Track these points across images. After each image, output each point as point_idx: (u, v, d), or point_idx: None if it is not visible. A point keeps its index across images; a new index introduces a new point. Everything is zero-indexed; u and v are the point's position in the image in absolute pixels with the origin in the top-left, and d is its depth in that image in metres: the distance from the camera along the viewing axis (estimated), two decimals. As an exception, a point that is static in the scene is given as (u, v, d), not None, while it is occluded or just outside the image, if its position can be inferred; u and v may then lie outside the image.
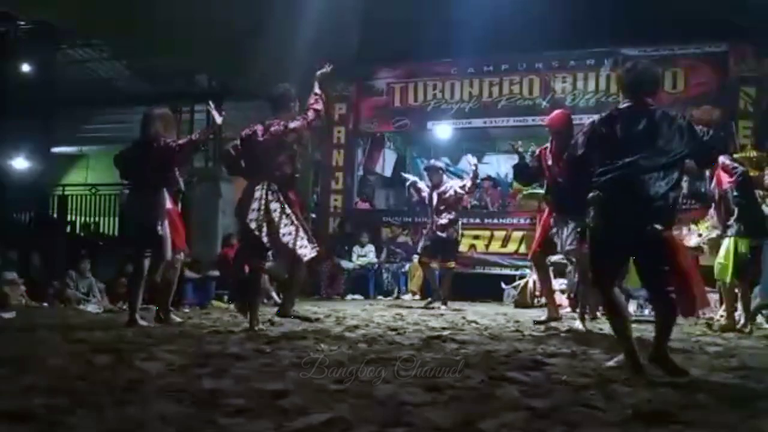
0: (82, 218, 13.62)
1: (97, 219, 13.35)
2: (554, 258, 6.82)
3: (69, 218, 13.61)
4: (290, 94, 5.67)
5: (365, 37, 11.43)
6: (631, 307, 7.48)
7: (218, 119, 5.81)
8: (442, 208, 8.77)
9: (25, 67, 12.24)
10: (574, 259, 6.13)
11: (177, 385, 2.83)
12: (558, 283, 8.13)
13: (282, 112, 5.54)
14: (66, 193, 14.23)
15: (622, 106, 3.85)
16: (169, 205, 5.79)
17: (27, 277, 9.15)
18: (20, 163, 13.58)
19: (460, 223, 9.05)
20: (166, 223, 5.67)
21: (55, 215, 13.64)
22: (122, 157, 5.91)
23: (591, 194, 3.76)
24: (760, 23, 9.35)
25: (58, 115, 13.02)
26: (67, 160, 16.47)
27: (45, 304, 8.73)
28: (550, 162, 6.12)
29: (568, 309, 7.78)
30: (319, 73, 5.83)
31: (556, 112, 6.51)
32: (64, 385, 2.79)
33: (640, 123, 3.70)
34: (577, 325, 5.95)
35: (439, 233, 8.78)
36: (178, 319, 6.15)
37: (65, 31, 11.37)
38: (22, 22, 11.21)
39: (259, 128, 5.48)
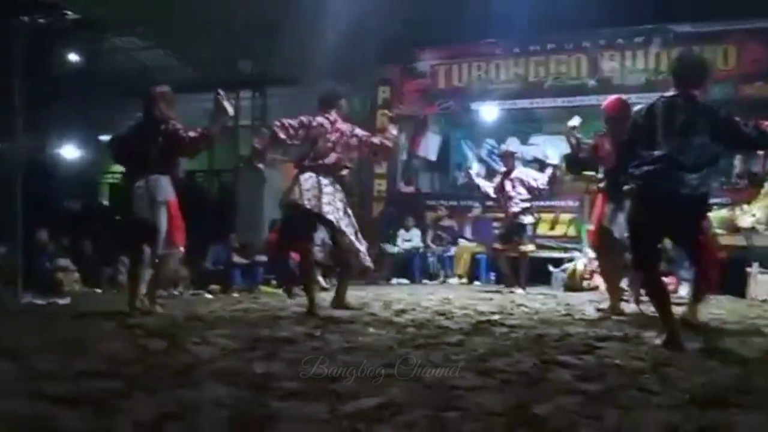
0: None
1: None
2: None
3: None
4: (339, 91, 5.76)
5: (408, 19, 11.36)
6: (683, 291, 7.35)
7: (230, 110, 5.36)
8: (514, 194, 8.68)
9: (72, 57, 12.48)
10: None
11: (229, 369, 2.86)
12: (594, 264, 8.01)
13: (329, 109, 5.58)
14: (115, 180, 14.50)
15: (666, 95, 3.91)
16: (171, 195, 5.30)
17: (79, 264, 9.37)
18: (69, 151, 13.90)
19: (533, 207, 8.91)
20: (164, 215, 5.19)
21: (105, 202, 13.92)
22: (120, 139, 5.51)
23: (626, 186, 3.96)
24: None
25: (105, 103, 13.24)
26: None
27: (98, 290, 8.93)
28: (607, 148, 5.98)
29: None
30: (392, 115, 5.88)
31: (611, 98, 6.31)
32: (118, 369, 2.84)
33: (680, 116, 3.76)
34: (632, 307, 5.88)
35: (513, 220, 8.71)
36: (160, 309, 5.41)
37: (110, 20, 11.53)
38: (69, 13, 11.39)
39: (324, 121, 5.50)
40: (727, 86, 10.03)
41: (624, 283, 6.81)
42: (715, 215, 9.43)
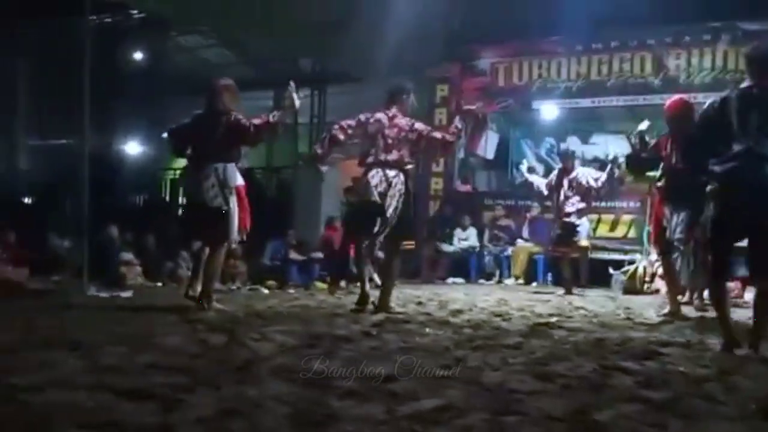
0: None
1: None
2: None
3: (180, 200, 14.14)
4: (406, 87, 5.79)
5: (467, 17, 11.30)
6: (748, 295, 7.13)
7: (297, 103, 5.42)
8: (570, 194, 8.57)
9: (138, 55, 12.78)
10: (682, 248, 5.94)
11: (288, 366, 2.88)
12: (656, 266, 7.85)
13: (396, 104, 5.63)
14: (177, 176, 14.78)
15: (741, 87, 3.72)
16: (240, 180, 5.56)
17: (142, 258, 9.59)
18: (133, 147, 14.25)
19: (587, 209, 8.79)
20: (235, 200, 5.34)
21: (167, 198, 14.23)
22: (180, 131, 5.62)
23: (709, 187, 3.71)
24: None
25: (169, 101, 13.53)
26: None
27: (159, 284, 9.12)
28: (669, 149, 5.89)
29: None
30: (467, 108, 5.99)
31: (674, 98, 6.27)
32: (181, 363, 2.89)
33: (758, 107, 3.55)
34: (693, 312, 5.82)
35: (566, 220, 8.60)
36: (220, 306, 5.39)
37: (175, 19, 11.76)
38: (135, 12, 11.67)
39: (382, 116, 5.55)
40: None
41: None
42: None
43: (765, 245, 3.62)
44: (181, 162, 6.16)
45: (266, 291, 8.62)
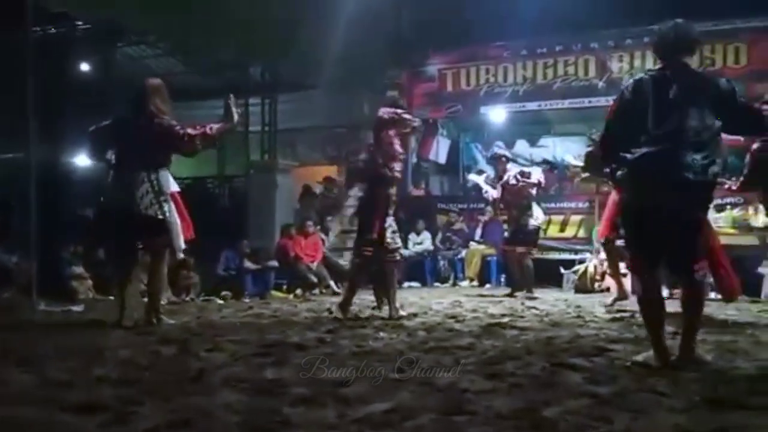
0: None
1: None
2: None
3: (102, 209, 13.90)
4: (399, 102, 6.06)
5: (415, 24, 11.39)
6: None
7: (236, 116, 5.17)
8: (509, 198, 8.64)
9: (84, 66, 12.57)
10: None
11: (241, 375, 2.89)
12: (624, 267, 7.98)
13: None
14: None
15: (654, 69, 3.48)
16: (175, 186, 5.11)
17: (93, 271, 9.41)
18: (82, 160, 13.97)
19: (534, 208, 8.72)
20: (173, 207, 4.95)
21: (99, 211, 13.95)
22: (103, 132, 5.18)
23: (619, 173, 3.38)
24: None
25: (118, 111, 13.31)
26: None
27: (111, 297, 8.96)
28: None
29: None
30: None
31: None
32: (132, 376, 2.87)
33: (675, 88, 3.27)
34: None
35: (513, 223, 8.66)
36: (171, 321, 5.16)
37: (122, 29, 11.61)
38: (80, 22, 11.48)
39: None
40: (738, 85, 9.94)
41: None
42: (728, 215, 9.43)
43: (684, 238, 3.27)
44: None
45: (221, 301, 8.54)
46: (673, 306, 3.51)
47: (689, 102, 3.25)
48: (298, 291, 9.69)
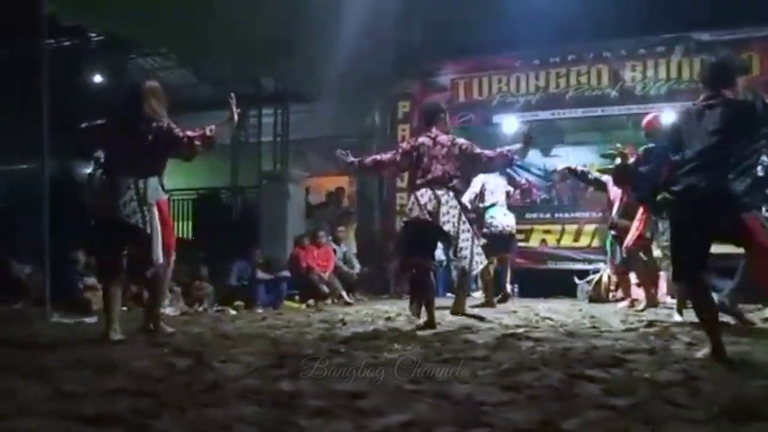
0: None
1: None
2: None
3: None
4: (441, 108, 6.07)
5: (427, 34, 11.40)
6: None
7: (235, 116, 5.11)
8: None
9: (97, 78, 12.66)
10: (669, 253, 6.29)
11: (256, 387, 2.87)
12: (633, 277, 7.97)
13: (435, 125, 5.85)
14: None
15: (698, 100, 3.87)
16: (163, 196, 4.96)
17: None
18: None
19: (496, 212, 8.71)
20: (155, 216, 4.80)
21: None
22: (94, 131, 4.99)
23: (659, 196, 3.82)
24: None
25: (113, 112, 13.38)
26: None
27: (125, 308, 8.98)
28: None
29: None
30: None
31: (649, 116, 6.89)
32: (147, 387, 2.86)
33: (713, 116, 3.69)
34: (675, 317, 6.10)
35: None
36: (170, 329, 5.18)
37: (134, 41, 11.69)
38: (93, 34, 11.56)
39: (426, 140, 5.76)
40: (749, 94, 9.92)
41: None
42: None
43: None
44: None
45: (233, 312, 8.54)
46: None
47: (727, 126, 3.65)
48: (311, 301, 9.68)
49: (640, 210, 6.77)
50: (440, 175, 5.64)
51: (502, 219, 8.68)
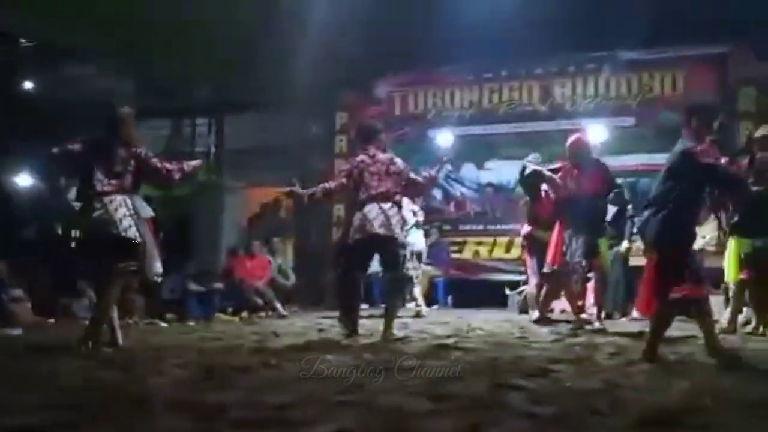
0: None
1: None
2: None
3: (75, 234, 13.64)
4: (378, 127, 6.19)
5: (365, 47, 11.47)
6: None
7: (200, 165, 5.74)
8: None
9: (28, 86, 12.32)
10: (580, 270, 6.60)
11: (183, 399, 2.84)
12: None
13: (372, 143, 5.97)
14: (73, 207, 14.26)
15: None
16: (150, 212, 5.22)
17: (34, 294, 9.16)
18: (25, 180, 13.65)
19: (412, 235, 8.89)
20: (148, 231, 5.05)
21: (60, 231, 13.68)
22: (71, 153, 5.11)
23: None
24: (759, 25, 9.37)
25: (61, 132, 13.06)
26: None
27: (52, 321, 8.74)
28: (568, 178, 6.62)
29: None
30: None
31: (576, 135, 6.99)
32: (72, 400, 2.81)
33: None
34: (596, 324, 6.47)
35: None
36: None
37: (67, 48, 11.42)
38: (23, 41, 11.26)
39: (365, 157, 5.88)
40: (675, 112, 10.34)
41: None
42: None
43: None
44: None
45: (164, 324, 8.40)
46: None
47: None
48: (244, 314, 9.60)
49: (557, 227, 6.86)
50: (384, 191, 5.76)
51: (414, 238, 8.89)
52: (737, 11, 9.20)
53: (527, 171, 7.14)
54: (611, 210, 8.60)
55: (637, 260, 9.04)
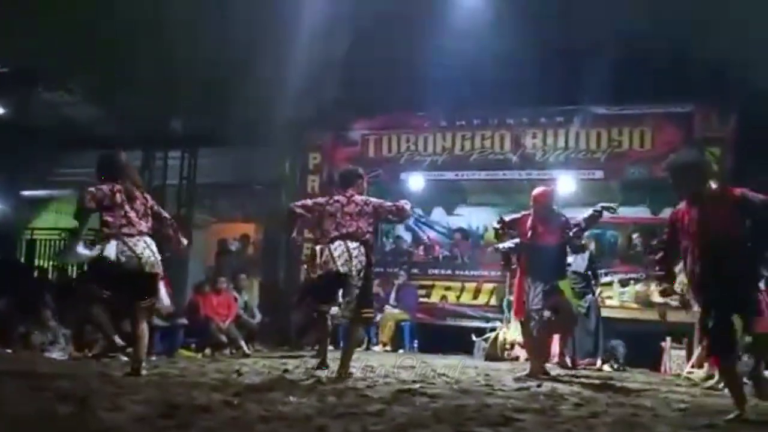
0: (50, 263, 13.41)
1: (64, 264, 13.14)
2: None
3: (37, 263, 13.44)
4: (360, 174, 6.37)
5: (341, 89, 11.59)
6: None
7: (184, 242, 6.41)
8: None
9: (-1, 110, 12.21)
10: (536, 317, 6.64)
11: (142, 437, 2.80)
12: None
13: (352, 187, 6.20)
14: (34, 237, 14.07)
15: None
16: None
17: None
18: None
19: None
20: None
21: (22, 259, 13.46)
22: (100, 194, 5.49)
23: None
24: (722, 85, 9.67)
25: (29, 158, 12.96)
26: (37, 203, 16.28)
27: (9, 350, 8.54)
28: (530, 227, 6.79)
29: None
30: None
31: (541, 188, 7.18)
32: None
33: None
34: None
35: None
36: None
37: (42, 74, 11.36)
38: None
39: (341, 198, 6.15)
40: (642, 167, 10.60)
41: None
42: (630, 290, 9.86)
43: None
44: (39, 222, 6.08)
45: (125, 359, 8.23)
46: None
47: None
48: (207, 350, 9.47)
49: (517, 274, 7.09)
50: (354, 231, 5.98)
51: None
52: (701, 72, 9.49)
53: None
54: (579, 261, 8.75)
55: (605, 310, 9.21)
